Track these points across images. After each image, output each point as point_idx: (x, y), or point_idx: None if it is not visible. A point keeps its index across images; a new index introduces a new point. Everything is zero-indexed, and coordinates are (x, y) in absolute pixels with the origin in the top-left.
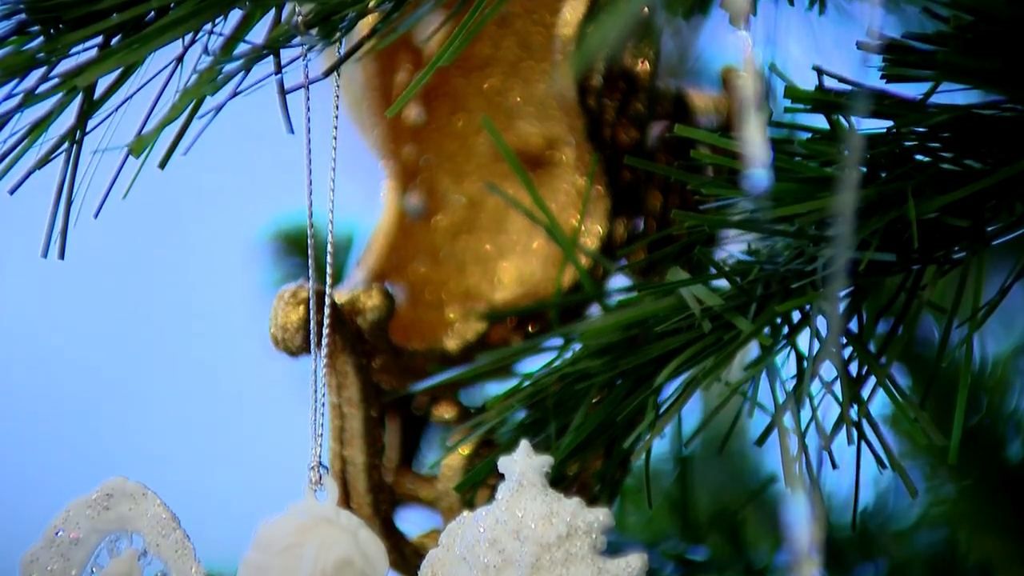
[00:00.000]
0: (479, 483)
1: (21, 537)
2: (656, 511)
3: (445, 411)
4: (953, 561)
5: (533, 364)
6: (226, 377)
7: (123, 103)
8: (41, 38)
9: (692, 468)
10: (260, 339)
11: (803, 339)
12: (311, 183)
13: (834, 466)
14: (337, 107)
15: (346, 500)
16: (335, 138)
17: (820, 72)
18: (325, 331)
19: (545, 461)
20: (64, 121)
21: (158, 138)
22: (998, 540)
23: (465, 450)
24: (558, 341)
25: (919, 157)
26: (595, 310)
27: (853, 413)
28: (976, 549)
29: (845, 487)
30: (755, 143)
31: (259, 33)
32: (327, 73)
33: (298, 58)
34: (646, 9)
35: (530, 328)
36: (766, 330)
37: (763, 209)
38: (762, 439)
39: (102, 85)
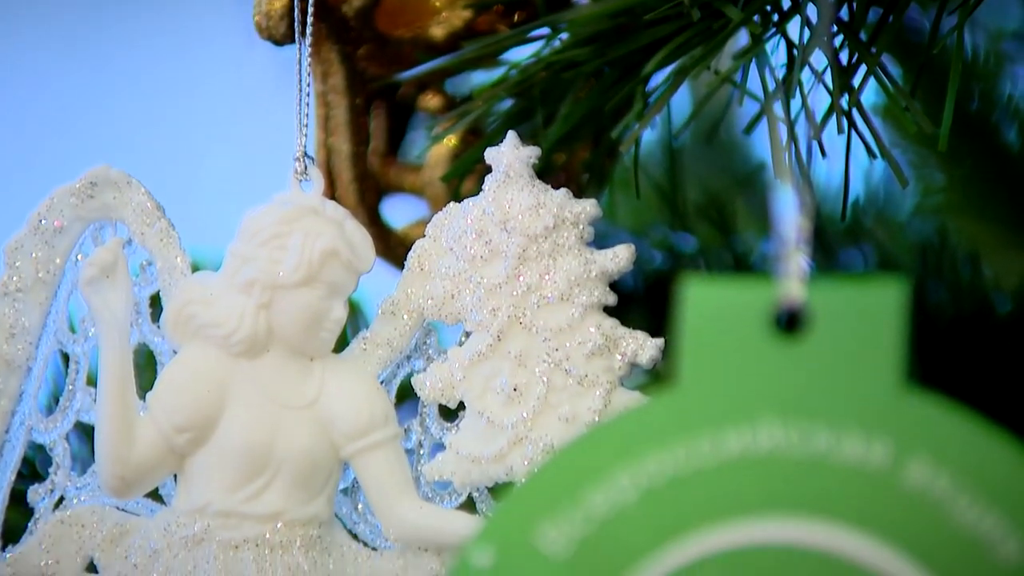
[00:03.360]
0: (466, 173)
1: (5, 225)
2: (645, 201)
3: (431, 100)
4: (943, 250)
5: (520, 53)
6: (210, 66)
7: None
8: None
9: (681, 158)
10: (244, 27)
11: (793, 27)
12: None
13: (823, 154)
14: None
15: (331, 190)
16: None
17: None
18: (310, 18)
19: (532, 152)
20: None
21: None
22: (988, 227)
23: (452, 140)
24: (545, 30)
25: None
26: None
27: (843, 102)
28: (966, 238)
29: (836, 180)
30: None
31: None
32: None
33: None
34: None
35: (517, 16)
36: (756, 18)
37: None
38: (750, 127)
39: None
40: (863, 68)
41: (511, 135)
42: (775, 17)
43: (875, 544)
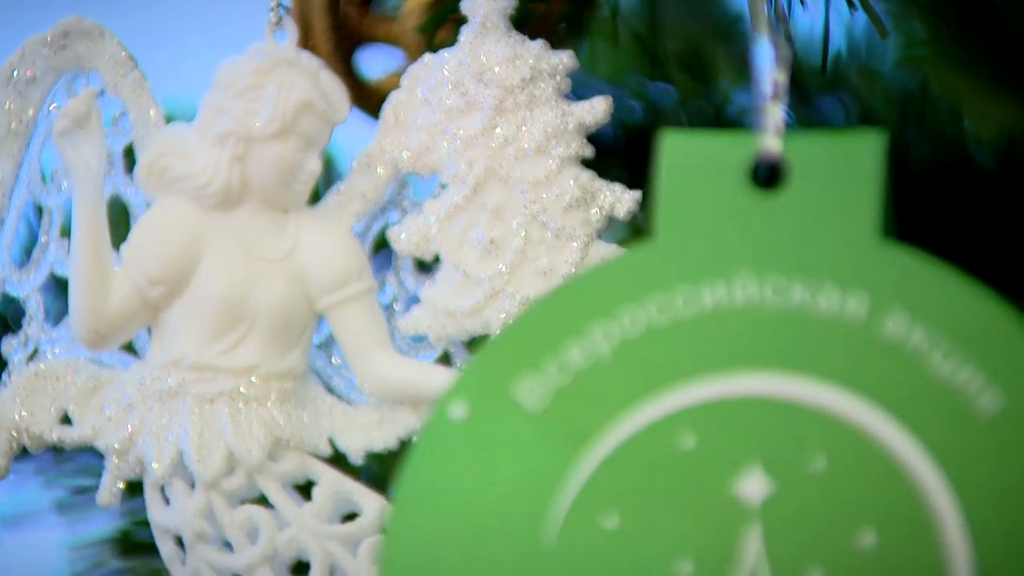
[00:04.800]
0: (441, 23)
1: None
2: (624, 51)
3: None
4: (925, 102)
5: None
6: None
7: None
8: None
9: (660, 7)
10: None
11: None
12: None
13: (803, 4)
14: None
15: (305, 40)
16: None
17: None
18: None
19: (508, 2)
20: None
21: None
22: (970, 79)
23: None
24: None
25: None
26: None
27: None
28: (947, 88)
29: (818, 32)
30: None
31: None
32: None
33: None
34: None
35: None
36: None
37: None
38: None
39: None
40: None
41: None
42: None
43: (850, 397)
